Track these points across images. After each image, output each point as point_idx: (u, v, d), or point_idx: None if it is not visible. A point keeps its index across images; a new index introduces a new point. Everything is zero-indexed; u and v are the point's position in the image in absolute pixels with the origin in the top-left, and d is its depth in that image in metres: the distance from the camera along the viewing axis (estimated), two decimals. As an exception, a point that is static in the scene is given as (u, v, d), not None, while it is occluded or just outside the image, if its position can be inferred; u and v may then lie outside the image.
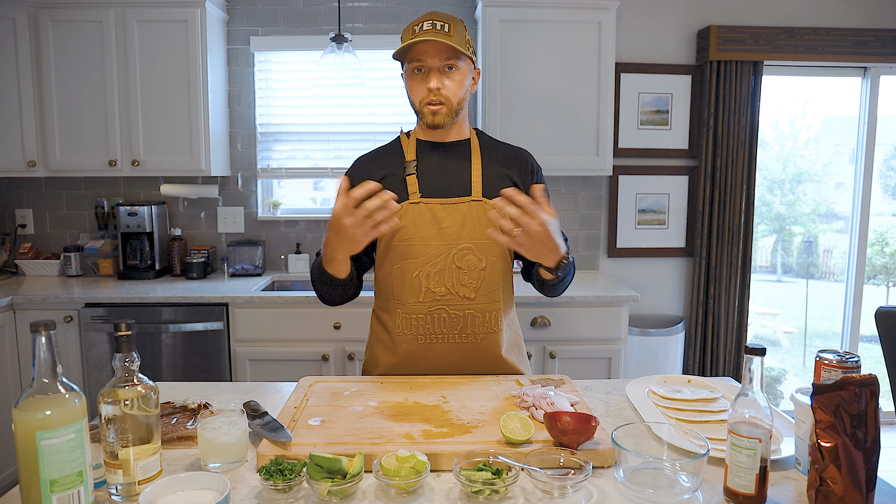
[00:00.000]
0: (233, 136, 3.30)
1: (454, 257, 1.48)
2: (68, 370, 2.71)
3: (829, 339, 4.18)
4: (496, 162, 1.57)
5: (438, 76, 1.47)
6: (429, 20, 1.45)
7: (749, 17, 3.26)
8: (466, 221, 1.49)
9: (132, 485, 0.98)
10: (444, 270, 1.48)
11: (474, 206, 1.50)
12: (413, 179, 1.52)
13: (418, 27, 1.46)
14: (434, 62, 1.47)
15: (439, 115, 1.50)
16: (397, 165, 1.56)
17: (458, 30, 1.47)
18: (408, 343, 1.52)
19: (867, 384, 0.92)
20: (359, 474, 0.99)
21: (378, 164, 1.58)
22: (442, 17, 1.47)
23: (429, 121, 1.51)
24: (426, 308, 1.50)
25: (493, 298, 1.52)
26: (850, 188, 3.53)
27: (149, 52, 2.91)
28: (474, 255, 1.49)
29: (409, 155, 1.56)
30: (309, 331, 2.74)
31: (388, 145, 1.64)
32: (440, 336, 1.51)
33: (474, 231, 1.49)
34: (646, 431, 1.18)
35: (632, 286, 3.30)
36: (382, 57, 3.27)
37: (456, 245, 1.49)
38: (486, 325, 1.51)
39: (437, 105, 1.49)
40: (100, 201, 3.27)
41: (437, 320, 1.50)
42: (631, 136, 3.30)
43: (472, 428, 1.19)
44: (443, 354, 1.52)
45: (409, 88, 1.54)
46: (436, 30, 1.44)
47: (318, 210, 3.49)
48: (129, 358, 0.99)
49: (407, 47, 1.47)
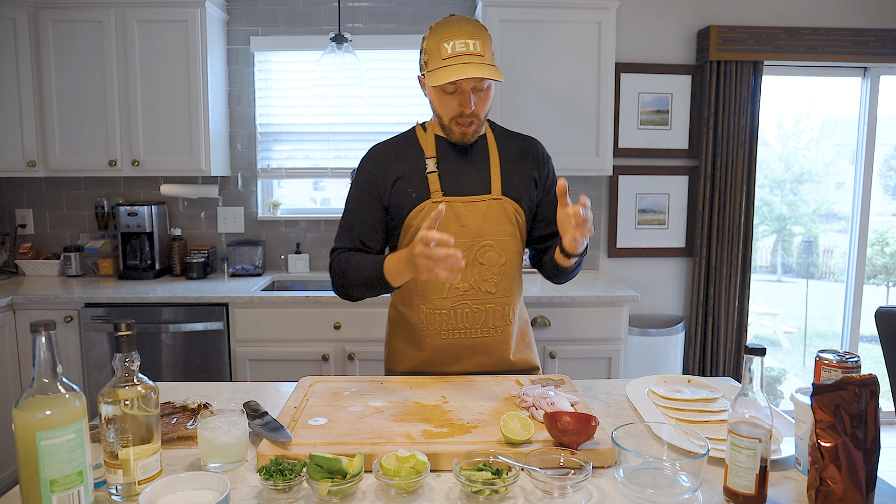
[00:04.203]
0: (233, 136, 3.30)
1: (476, 254, 1.52)
2: (68, 370, 2.71)
3: (829, 339, 4.18)
4: (512, 158, 1.59)
5: (471, 96, 1.46)
6: (461, 39, 1.42)
7: (749, 17, 3.26)
8: (487, 219, 1.52)
9: (132, 485, 0.98)
10: (467, 266, 1.51)
11: (494, 204, 1.53)
12: (435, 178, 1.53)
13: (449, 45, 1.42)
14: (470, 83, 1.45)
15: (470, 132, 1.52)
16: (417, 160, 1.56)
17: (487, 45, 1.45)
18: (432, 338, 1.55)
19: (867, 384, 0.92)
20: (359, 474, 0.99)
21: (397, 157, 1.57)
22: (470, 31, 1.43)
23: (457, 139, 1.53)
24: (450, 303, 1.53)
25: (511, 291, 1.57)
26: (850, 188, 3.53)
27: (149, 52, 2.91)
28: (495, 251, 1.53)
29: (428, 151, 1.56)
30: (309, 331, 2.74)
31: (403, 137, 1.62)
32: (464, 331, 1.54)
33: (495, 228, 1.53)
34: (646, 431, 1.18)
35: (632, 286, 3.30)
36: (382, 57, 3.27)
37: (478, 242, 1.52)
38: (504, 318, 1.56)
39: (468, 125, 1.50)
40: (100, 201, 3.27)
41: (461, 315, 1.53)
42: (631, 136, 3.30)
43: (472, 428, 1.19)
44: (467, 350, 1.55)
45: (437, 101, 1.51)
46: (469, 52, 1.41)
47: (318, 210, 3.49)
48: (129, 358, 0.99)
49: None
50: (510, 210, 1.54)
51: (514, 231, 1.55)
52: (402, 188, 1.53)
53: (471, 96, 1.45)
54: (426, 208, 1.50)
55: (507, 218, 1.54)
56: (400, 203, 1.53)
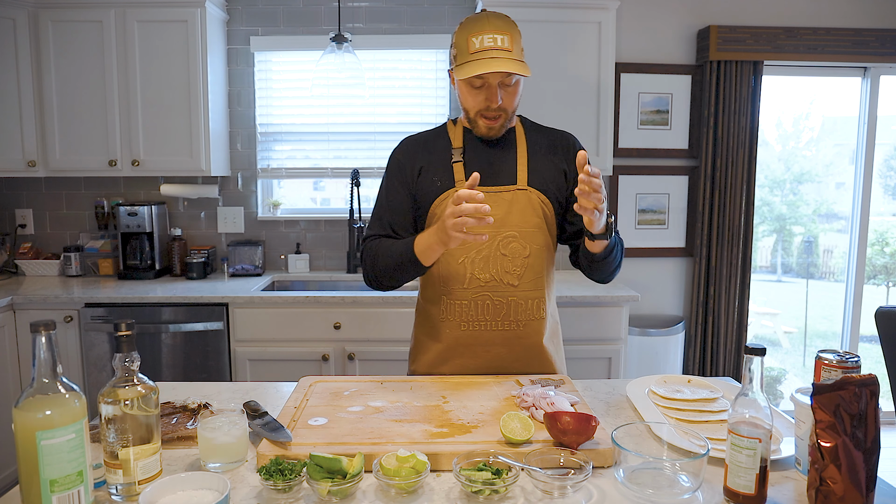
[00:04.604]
0: (233, 136, 3.31)
1: (499, 244, 1.50)
2: (68, 370, 2.71)
3: (829, 339, 4.18)
4: (541, 149, 1.57)
5: (498, 90, 1.45)
6: (489, 34, 1.41)
7: (749, 17, 3.26)
8: (512, 210, 1.50)
9: (132, 485, 0.98)
10: (489, 257, 1.50)
11: (519, 195, 1.51)
12: (460, 167, 1.53)
13: (477, 40, 1.42)
14: (497, 78, 1.44)
15: (494, 129, 1.51)
16: (444, 151, 1.56)
17: (516, 40, 1.44)
18: (451, 329, 1.54)
19: (867, 384, 0.92)
20: (359, 474, 0.99)
21: (425, 147, 1.58)
22: (499, 26, 1.43)
23: (482, 133, 1.52)
24: (471, 294, 1.51)
25: (537, 286, 1.54)
26: (850, 188, 3.53)
27: (149, 52, 2.91)
28: (518, 242, 1.51)
29: (456, 142, 1.56)
30: (309, 331, 2.74)
31: (434, 130, 1.63)
32: (484, 323, 1.52)
33: (519, 219, 1.51)
34: (646, 431, 1.18)
35: (632, 286, 3.29)
36: (382, 57, 3.27)
37: (501, 233, 1.50)
38: (528, 313, 1.54)
39: (494, 119, 1.49)
40: (100, 201, 3.27)
41: (482, 307, 1.52)
42: (631, 136, 3.30)
43: (472, 428, 1.19)
44: (486, 342, 1.54)
45: (464, 95, 1.51)
46: (497, 46, 1.41)
47: (318, 210, 3.49)
48: (129, 358, 0.99)
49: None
50: (536, 201, 1.52)
51: (541, 223, 1.53)
52: (427, 177, 1.53)
53: (497, 91, 1.45)
54: (450, 197, 1.49)
55: (533, 209, 1.52)
56: (425, 191, 1.53)
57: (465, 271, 1.51)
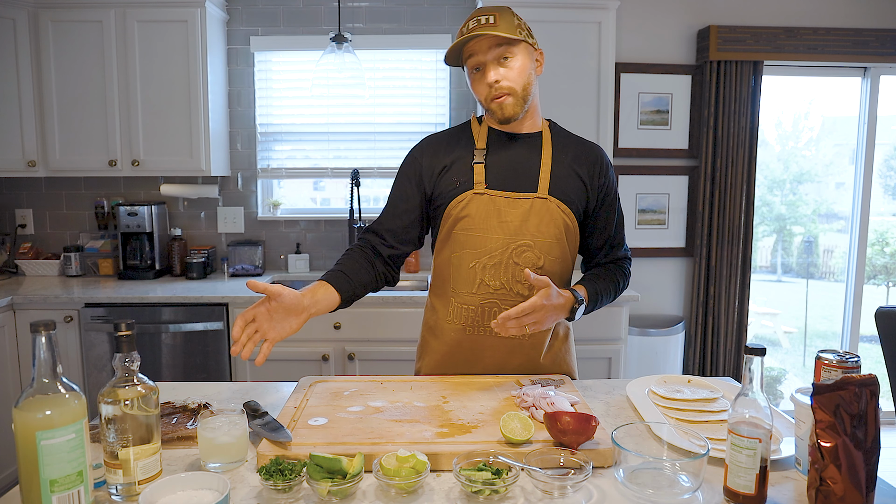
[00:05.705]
0: (233, 136, 3.30)
1: (512, 252, 1.47)
2: (68, 370, 2.71)
3: (829, 339, 4.18)
4: (566, 158, 1.53)
5: (495, 68, 1.44)
6: (474, 18, 1.44)
7: (749, 17, 3.26)
8: (529, 217, 1.47)
9: (132, 485, 0.98)
10: (500, 264, 1.47)
11: (538, 203, 1.47)
12: (480, 169, 1.49)
13: (465, 28, 1.44)
14: (487, 56, 1.44)
15: (507, 105, 1.46)
16: (466, 150, 1.53)
17: (504, 18, 1.43)
18: (454, 332, 1.53)
19: (867, 384, 0.92)
20: (359, 474, 0.99)
21: (447, 147, 1.55)
22: (487, 10, 1.44)
23: (498, 115, 1.48)
24: (478, 300, 1.49)
25: None
26: (850, 188, 3.53)
27: (149, 52, 2.91)
28: (533, 252, 1.47)
29: (479, 142, 1.53)
30: (309, 331, 2.73)
31: (458, 128, 1.61)
32: (488, 329, 1.50)
33: (536, 228, 1.47)
34: (646, 431, 1.18)
35: (632, 286, 3.28)
36: (382, 57, 3.27)
37: (515, 240, 1.46)
38: None
39: (502, 97, 1.45)
40: (100, 201, 3.27)
41: (488, 313, 1.49)
42: (631, 136, 3.30)
43: (472, 428, 1.19)
44: (488, 347, 1.52)
45: (473, 89, 1.51)
46: (481, 25, 1.42)
47: (318, 210, 3.49)
48: (129, 358, 0.99)
49: (459, 50, 1.46)
50: (556, 211, 1.47)
51: (559, 234, 1.48)
52: (448, 177, 1.51)
53: (491, 67, 1.44)
54: (466, 198, 1.47)
55: (552, 219, 1.47)
56: (444, 191, 1.50)
57: (476, 276, 1.48)
